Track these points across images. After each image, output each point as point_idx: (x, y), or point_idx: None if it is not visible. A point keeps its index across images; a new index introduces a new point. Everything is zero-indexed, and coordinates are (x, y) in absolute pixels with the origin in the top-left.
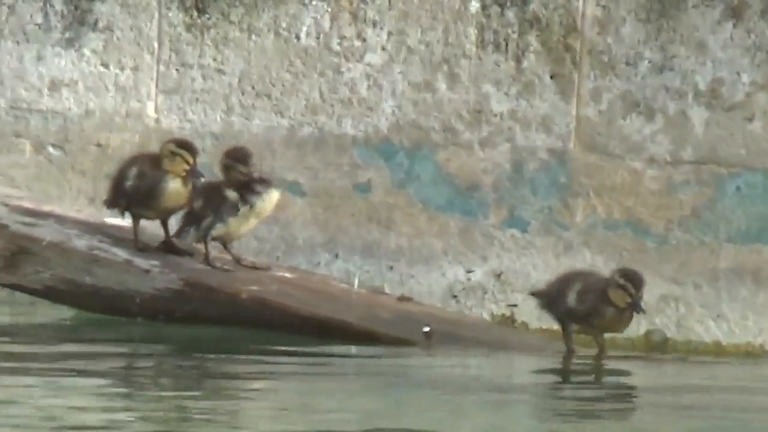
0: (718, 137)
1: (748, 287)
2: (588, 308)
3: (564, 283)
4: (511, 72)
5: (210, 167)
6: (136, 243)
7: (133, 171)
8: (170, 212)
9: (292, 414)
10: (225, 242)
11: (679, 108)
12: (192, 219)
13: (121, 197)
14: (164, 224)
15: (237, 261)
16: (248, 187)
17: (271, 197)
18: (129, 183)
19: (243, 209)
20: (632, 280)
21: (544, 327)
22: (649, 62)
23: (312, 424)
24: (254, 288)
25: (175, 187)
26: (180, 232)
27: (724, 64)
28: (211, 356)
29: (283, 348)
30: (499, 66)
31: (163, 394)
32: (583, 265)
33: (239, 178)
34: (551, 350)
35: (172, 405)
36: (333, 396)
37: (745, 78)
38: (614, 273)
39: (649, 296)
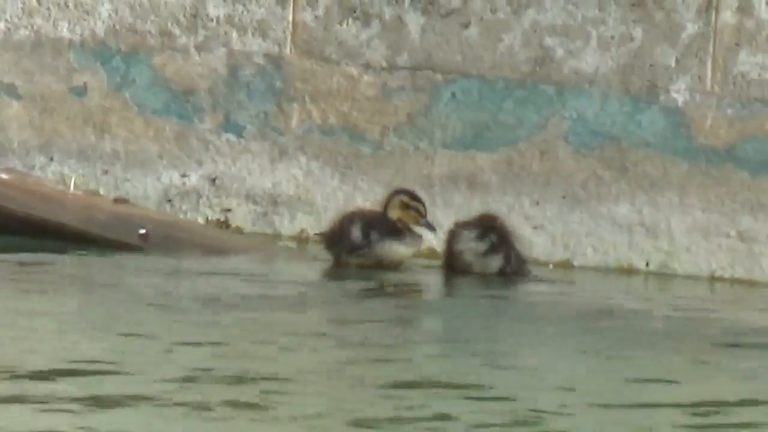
0: (434, 43)
1: (462, 193)
2: None
3: None
4: None
5: None
6: None
7: None
8: None
9: None
10: None
11: (395, 13)
12: None
13: None
14: None
15: None
16: None
17: None
18: None
19: None
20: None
21: (258, 231)
22: None
23: None
24: None
25: None
26: None
27: None
28: None
29: None
30: None
31: None
32: (298, 170)
33: None
34: (266, 252)
35: None
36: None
37: None
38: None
39: (365, 201)
